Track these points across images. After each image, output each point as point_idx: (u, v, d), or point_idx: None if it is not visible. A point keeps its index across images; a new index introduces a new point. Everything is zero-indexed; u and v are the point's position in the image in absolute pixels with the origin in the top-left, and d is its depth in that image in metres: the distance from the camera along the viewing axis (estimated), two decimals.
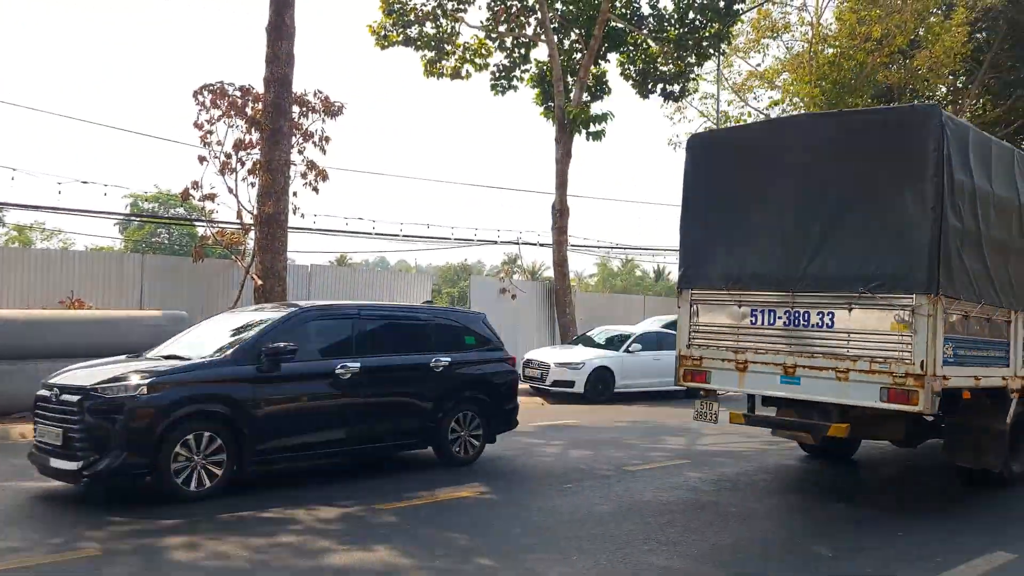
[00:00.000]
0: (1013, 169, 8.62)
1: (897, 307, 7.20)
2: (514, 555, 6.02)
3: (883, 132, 7.70)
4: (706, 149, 9.25)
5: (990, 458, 8.34)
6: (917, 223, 7.17)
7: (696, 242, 8.93)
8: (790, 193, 8.10)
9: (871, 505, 8.17)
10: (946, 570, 5.99)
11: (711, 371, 8.57)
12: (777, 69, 26.54)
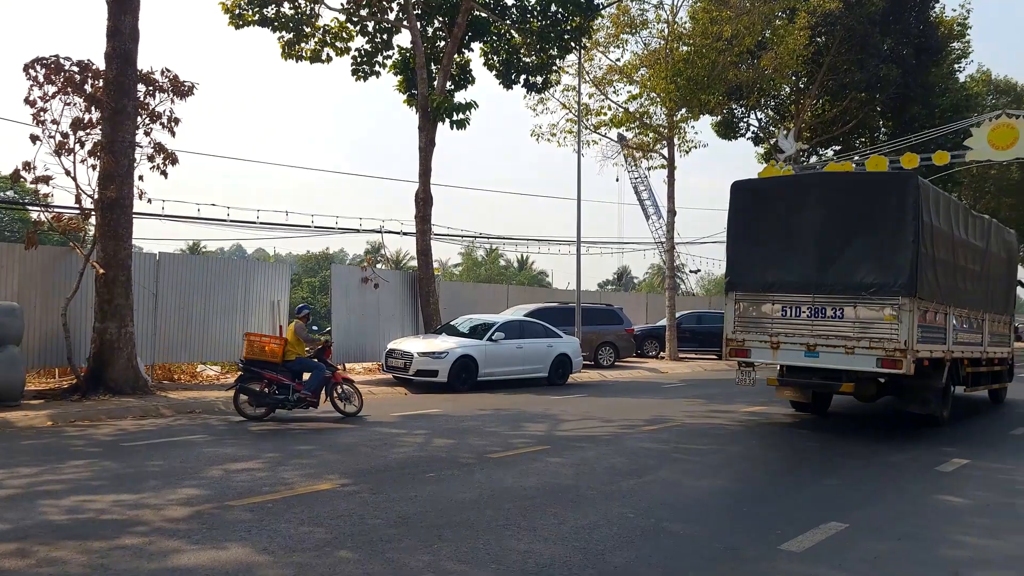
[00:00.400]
0: (958, 215, 13.14)
1: (888, 305, 11.13)
2: (376, 546, 5.91)
3: (878, 188, 11.70)
4: (746, 192, 13.09)
5: (933, 406, 12.40)
6: (902, 250, 11.08)
7: (739, 258, 12.81)
8: (810, 227, 11.88)
9: (731, 480, 8.56)
10: (784, 541, 6.33)
11: (751, 349, 12.39)
12: (635, 64, 27.30)
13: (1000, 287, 15.93)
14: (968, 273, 13.57)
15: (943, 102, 34.38)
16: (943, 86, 35.22)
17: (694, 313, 30.86)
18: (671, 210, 28.53)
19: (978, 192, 49.24)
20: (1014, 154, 26.88)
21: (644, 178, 46.01)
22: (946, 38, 34.75)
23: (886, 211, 11.32)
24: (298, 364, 12.50)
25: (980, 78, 47.38)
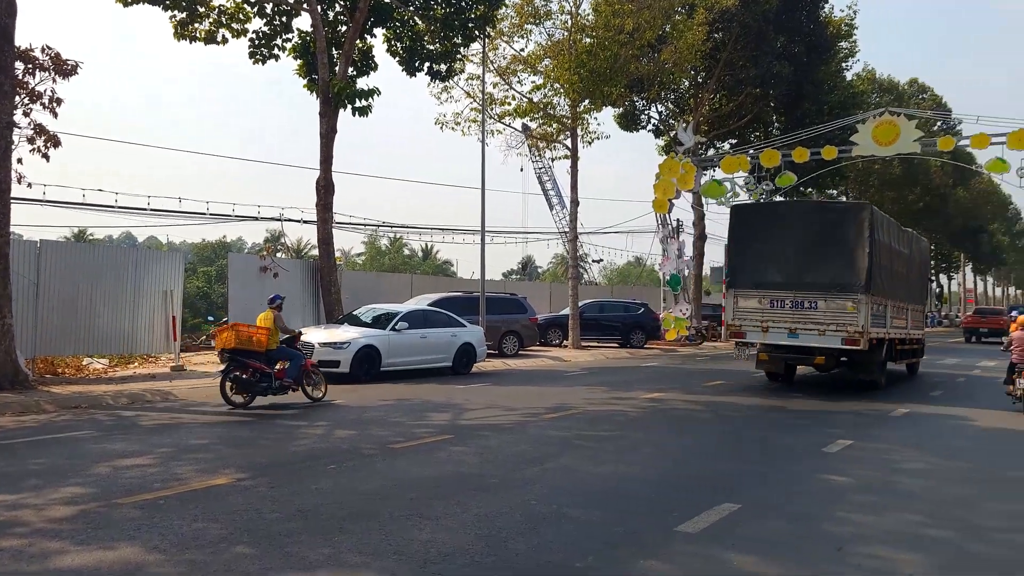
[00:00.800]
0: (894, 231, 17.60)
1: (850, 299, 15.14)
2: (274, 540, 5.76)
3: (843, 213, 16.37)
4: (744, 213, 17.65)
5: (876, 375, 16.48)
6: (860, 258, 15.11)
7: (737, 264, 16.64)
8: (792, 241, 15.94)
9: (631, 466, 8.71)
10: (681, 523, 6.50)
11: (747, 332, 16.24)
12: (539, 55, 27.45)
13: (918, 284, 20.43)
14: (899, 274, 17.69)
15: (832, 99, 35.87)
16: (832, 84, 36.74)
17: (597, 302, 31.39)
18: (574, 200, 28.86)
19: (863, 186, 51.73)
20: (895, 150, 28.24)
21: (548, 168, 46.30)
22: (835, 37, 36.24)
23: (849, 231, 15.48)
24: (279, 353, 12.79)
25: (866, 77, 49.72)
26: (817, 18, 34.49)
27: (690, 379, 18.64)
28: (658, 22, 26.82)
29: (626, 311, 30.28)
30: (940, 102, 55.25)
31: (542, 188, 47.94)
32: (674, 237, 33.25)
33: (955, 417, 13.38)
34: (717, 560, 5.70)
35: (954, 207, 62.15)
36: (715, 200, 32.33)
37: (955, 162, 43.80)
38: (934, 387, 18.29)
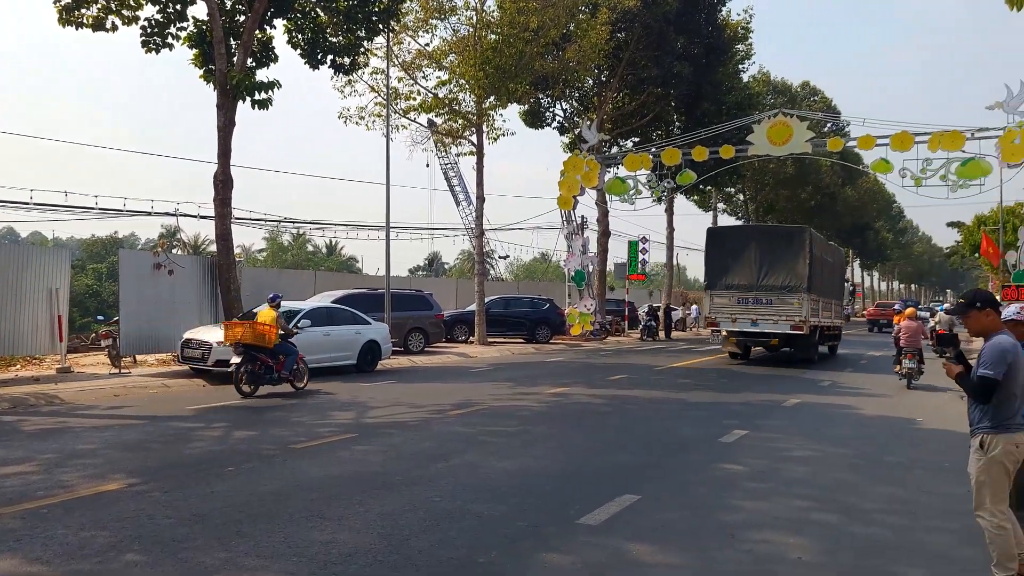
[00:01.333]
0: (823, 245, 24.09)
1: (796, 297, 21.15)
2: (166, 547, 5.58)
3: (790, 234, 22.50)
4: (716, 233, 24.99)
5: (812, 353, 22.38)
6: (803, 267, 21.17)
7: (712, 270, 22.47)
8: (752, 254, 21.69)
9: (535, 460, 8.80)
10: (582, 516, 6.62)
11: (720, 322, 21.97)
12: (445, 50, 27.33)
13: (838, 284, 27.60)
14: (827, 277, 23.98)
15: (730, 99, 36.97)
16: (729, 85, 37.86)
17: (503, 298, 31.53)
18: (480, 196, 28.91)
19: (759, 184, 53.63)
20: (788, 150, 29.34)
21: (454, 164, 46.27)
22: (732, 40, 37.35)
23: (794, 247, 21.63)
24: (281, 348, 14.15)
25: (761, 79, 51.49)
26: (715, 21, 35.48)
27: (594, 373, 18.95)
28: (562, 20, 27.10)
29: (532, 307, 30.53)
30: (830, 104, 57.69)
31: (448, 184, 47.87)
32: (579, 234, 33.72)
33: (841, 406, 14.03)
34: (616, 550, 5.82)
35: (843, 205, 65.06)
36: (618, 197, 32.94)
37: (844, 162, 45.88)
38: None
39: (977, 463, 5.17)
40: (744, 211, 57.51)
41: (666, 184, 32.58)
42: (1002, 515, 5.09)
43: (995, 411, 5.10)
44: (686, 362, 22.93)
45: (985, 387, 5.07)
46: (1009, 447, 5.07)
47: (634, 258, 38.97)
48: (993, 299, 5.43)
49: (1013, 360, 5.06)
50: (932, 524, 6.64)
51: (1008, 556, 5.05)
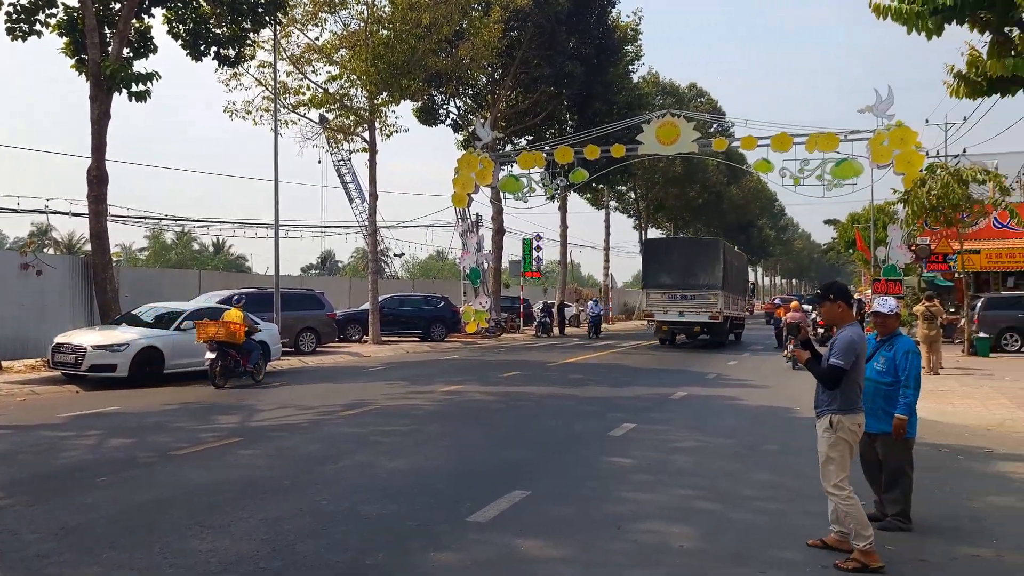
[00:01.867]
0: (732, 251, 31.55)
1: (713, 293, 27.05)
2: (31, 563, 5.26)
3: (708, 244, 30.11)
4: (651, 243, 34.85)
5: (724, 338, 29.09)
6: (718, 270, 27.15)
7: (648, 273, 28.88)
8: (678, 259, 28.04)
9: (427, 459, 8.72)
10: (473, 513, 6.61)
11: (655, 313, 27.75)
12: (335, 45, 26.82)
13: (743, 283, 34.04)
14: (734, 278, 29.56)
15: (620, 99, 37.71)
16: (620, 85, 38.61)
17: (397, 296, 31.23)
18: (373, 194, 28.55)
19: (649, 183, 54.92)
20: (676, 149, 30.15)
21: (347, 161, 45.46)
22: (622, 41, 38.13)
23: (711, 254, 27.62)
24: (248, 344, 15.74)
25: (650, 80, 52.74)
26: (605, 22, 36.13)
27: (488, 371, 18.99)
28: (455, 18, 27.02)
29: (427, 305, 30.35)
30: (716, 106, 59.65)
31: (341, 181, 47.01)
32: (473, 231, 33.74)
33: (725, 398, 14.54)
34: (506, 547, 5.84)
35: (728, 203, 67.45)
36: (512, 195, 33.13)
37: (729, 162, 47.58)
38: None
39: (827, 442, 5.63)
40: (635, 209, 58.80)
41: (559, 182, 32.98)
42: (848, 488, 5.58)
43: (843, 395, 5.60)
44: (579, 358, 23.29)
45: (834, 375, 5.57)
46: (853, 427, 5.62)
47: (528, 255, 39.31)
48: (846, 292, 5.91)
49: (860, 351, 5.61)
50: (806, 508, 6.93)
51: (863, 524, 5.47)
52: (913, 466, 6.43)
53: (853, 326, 5.72)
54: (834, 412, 5.62)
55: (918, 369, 6.28)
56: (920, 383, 6.28)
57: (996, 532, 6.25)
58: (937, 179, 23.71)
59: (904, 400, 6.19)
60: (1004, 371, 18.24)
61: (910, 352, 6.29)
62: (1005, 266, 31.75)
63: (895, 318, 6.48)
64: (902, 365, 6.25)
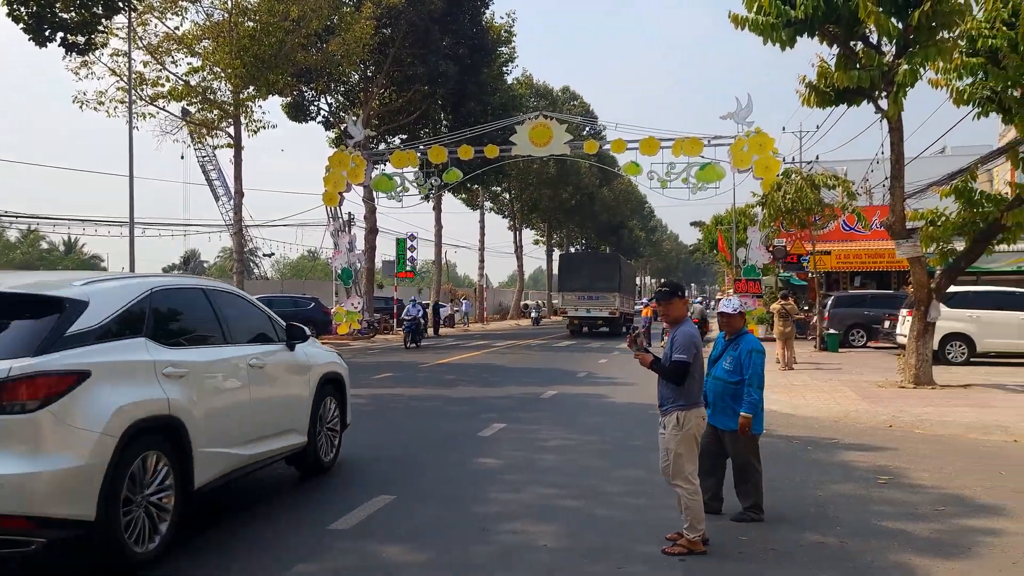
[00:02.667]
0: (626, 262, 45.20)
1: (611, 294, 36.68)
2: None
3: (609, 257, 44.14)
4: (565, 255, 50.47)
5: (620, 329, 35.64)
6: (616, 277, 37.34)
7: (563, 279, 39.06)
8: (586, 269, 37.91)
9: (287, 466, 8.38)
10: (335, 520, 6.40)
11: (568, 310, 37.09)
12: (197, 35, 25.70)
13: (633, 287, 44.51)
14: (627, 283, 40.15)
15: (495, 100, 37.96)
16: (494, 86, 38.87)
17: (263, 298, 30.12)
18: (238, 191, 27.55)
19: (524, 184, 55.52)
20: (549, 151, 30.63)
21: (212, 157, 43.78)
22: (496, 42, 38.38)
23: (611, 265, 37.96)
24: None
25: (524, 81, 53.36)
26: (480, 22, 36.26)
27: (358, 373, 18.54)
28: (324, 12, 26.40)
29: (295, 306, 29.51)
30: (588, 109, 60.95)
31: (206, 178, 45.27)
32: (345, 231, 33.13)
33: (594, 395, 14.80)
34: (367, 554, 5.68)
35: (600, 205, 69.05)
36: (385, 194, 32.72)
37: (600, 164, 48.69)
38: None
39: (675, 438, 5.80)
40: (510, 210, 59.32)
41: (433, 182, 32.85)
42: (696, 482, 5.82)
43: (687, 391, 5.79)
44: (452, 358, 23.20)
45: (680, 370, 5.75)
46: (698, 420, 5.86)
47: (402, 256, 38.94)
48: (684, 289, 6.25)
49: (699, 345, 5.84)
50: (668, 502, 7.02)
51: (699, 519, 5.74)
52: (760, 459, 6.67)
53: (688, 322, 5.95)
54: (680, 408, 5.79)
55: (761, 367, 6.44)
56: (763, 381, 6.47)
57: (839, 519, 6.57)
58: (792, 184, 25.03)
59: (748, 399, 6.35)
60: (851, 365, 19.41)
61: (753, 351, 6.45)
62: (853, 266, 33.85)
63: (739, 317, 6.69)
64: (746, 364, 6.41)
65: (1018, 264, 29.81)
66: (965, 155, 29.13)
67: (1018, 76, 13.14)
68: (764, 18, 14.74)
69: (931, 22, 13.74)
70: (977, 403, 12.71)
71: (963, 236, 15.21)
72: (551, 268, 69.43)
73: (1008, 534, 6.17)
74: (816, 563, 5.52)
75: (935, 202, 16.14)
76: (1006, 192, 14.65)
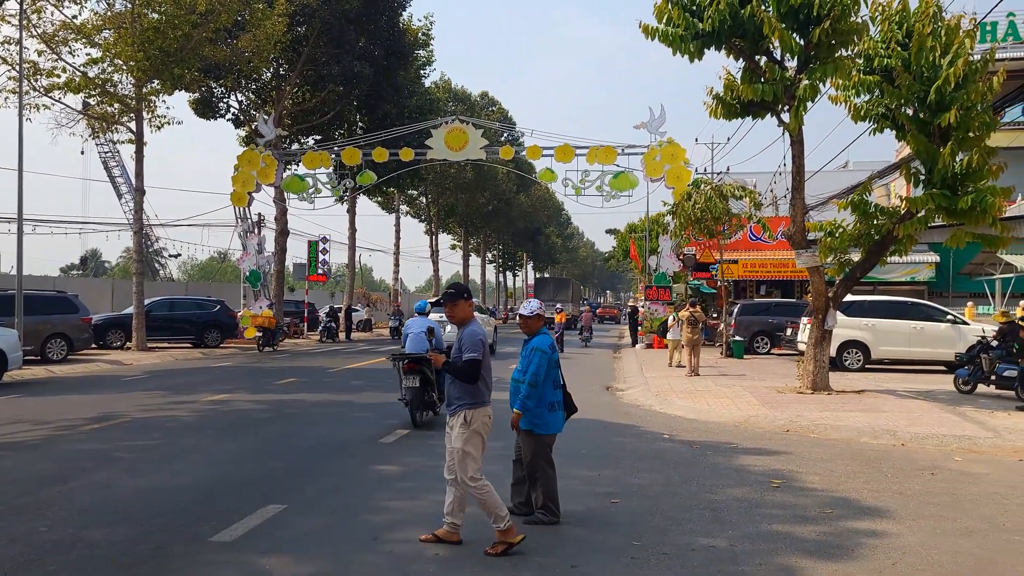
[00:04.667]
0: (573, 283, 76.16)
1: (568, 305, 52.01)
2: None
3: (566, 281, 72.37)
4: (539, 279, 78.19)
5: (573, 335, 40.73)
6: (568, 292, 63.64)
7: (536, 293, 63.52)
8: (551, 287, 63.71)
9: (174, 476, 8.00)
10: (217, 532, 6.12)
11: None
12: (98, 25, 24.61)
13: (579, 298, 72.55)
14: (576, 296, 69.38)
15: (411, 103, 37.56)
16: (411, 89, 38.44)
17: (167, 300, 29.16)
18: (139, 188, 26.50)
19: (440, 188, 55.20)
20: (465, 155, 30.53)
21: (115, 153, 42.08)
22: (413, 44, 38.00)
23: (566, 285, 66.38)
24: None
25: (443, 86, 53.13)
26: (396, 24, 35.81)
27: (262, 378, 18.09)
28: (234, 6, 25.61)
29: (200, 309, 28.50)
30: (506, 115, 61.10)
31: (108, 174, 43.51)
32: (254, 232, 32.26)
33: (503, 402, 14.64)
34: (249, 567, 5.45)
35: (517, 211, 69.30)
36: (297, 195, 32.04)
37: (517, 171, 48.89)
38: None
39: (462, 436, 5.90)
40: (426, 214, 58.91)
41: (347, 184, 32.32)
42: (481, 479, 5.90)
43: (475, 389, 5.93)
44: (362, 363, 22.79)
45: (472, 368, 5.88)
46: (485, 419, 5.98)
47: (314, 258, 38.18)
48: (470, 292, 6.44)
49: (486, 344, 6.00)
50: (564, 508, 6.98)
51: (497, 506, 5.83)
52: (551, 462, 6.66)
53: (475, 322, 6.09)
54: (468, 407, 5.92)
55: (537, 366, 6.39)
56: (536, 379, 6.39)
57: (732, 522, 6.63)
58: (701, 194, 25.57)
59: (519, 396, 6.40)
60: (754, 372, 19.88)
61: (535, 350, 6.45)
62: (759, 275, 34.82)
63: (536, 319, 6.65)
64: (527, 362, 6.46)
65: (911, 275, 31.25)
66: (866, 169, 30.30)
67: (911, 95, 13.67)
68: (673, 30, 14.99)
69: (831, 39, 14.22)
70: (869, 408, 13.14)
71: (859, 247, 15.71)
72: (468, 273, 69.27)
73: (889, 535, 6.33)
74: (706, 567, 5.54)
75: (836, 214, 16.66)
76: (900, 205, 15.20)
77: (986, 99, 13.68)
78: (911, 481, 8.32)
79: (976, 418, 12.23)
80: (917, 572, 5.53)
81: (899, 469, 8.93)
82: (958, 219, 14.15)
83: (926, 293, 30.26)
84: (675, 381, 17.46)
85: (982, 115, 13.56)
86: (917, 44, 13.48)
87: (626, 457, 9.44)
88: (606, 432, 11.34)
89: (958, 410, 13.04)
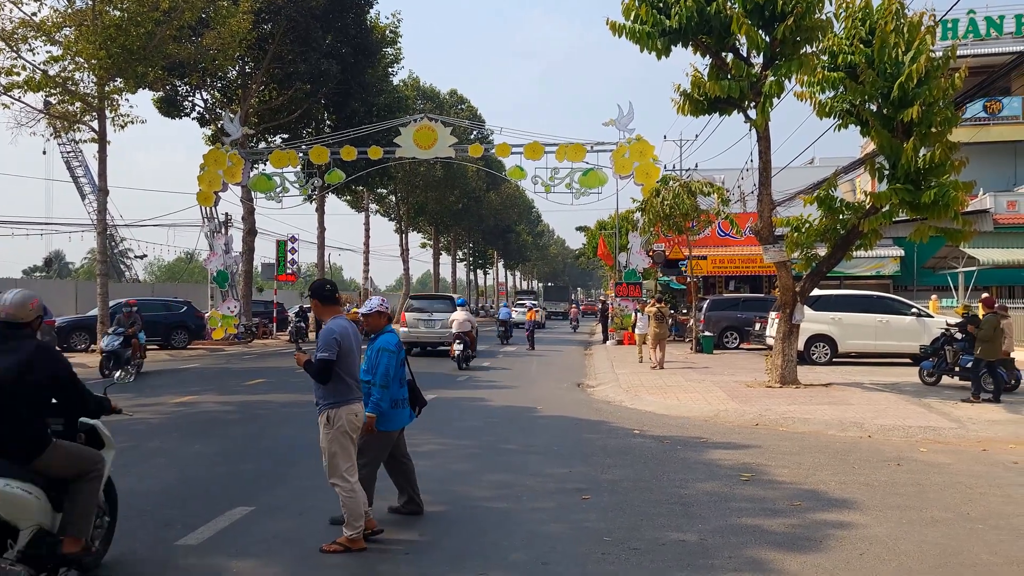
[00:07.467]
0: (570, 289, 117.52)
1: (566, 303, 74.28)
2: None
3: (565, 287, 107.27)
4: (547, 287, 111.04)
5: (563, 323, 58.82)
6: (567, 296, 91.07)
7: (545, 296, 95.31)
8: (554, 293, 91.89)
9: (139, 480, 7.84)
10: (184, 535, 6.04)
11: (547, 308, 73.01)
12: (58, 22, 24.14)
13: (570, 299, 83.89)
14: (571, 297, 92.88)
15: (379, 101, 37.30)
16: (379, 87, 38.18)
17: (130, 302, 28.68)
18: (103, 188, 26.09)
19: (410, 186, 54.89)
20: (433, 153, 30.48)
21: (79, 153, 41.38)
22: (380, 42, 37.76)
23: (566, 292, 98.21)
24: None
25: (411, 83, 52.84)
26: (364, 22, 35.55)
27: (230, 379, 17.89)
28: (198, 3, 25.24)
29: (167, 310, 28.09)
30: (475, 113, 60.93)
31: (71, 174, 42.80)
32: (221, 232, 31.92)
33: (473, 399, 14.65)
34: (217, 570, 5.40)
35: (487, 209, 69.16)
36: (264, 194, 31.77)
37: (487, 168, 48.81)
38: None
39: (327, 436, 5.89)
40: (396, 212, 58.62)
41: (315, 183, 32.08)
42: (353, 480, 5.86)
43: (334, 388, 5.85)
44: None
45: (324, 368, 5.78)
46: (351, 417, 5.88)
47: (283, 258, 37.85)
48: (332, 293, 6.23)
49: (344, 343, 5.84)
50: (534, 505, 7.03)
51: (357, 516, 5.81)
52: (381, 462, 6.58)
53: (336, 319, 5.98)
54: (329, 407, 5.89)
55: (385, 367, 6.31)
56: (387, 380, 6.31)
57: (702, 516, 6.66)
58: (670, 190, 25.69)
59: (372, 398, 6.26)
60: (723, 366, 20.02)
61: (381, 350, 6.35)
62: (728, 271, 35.07)
63: (375, 316, 6.56)
64: (374, 363, 6.34)
65: (876, 269, 31.67)
66: (832, 165, 30.65)
67: (874, 91, 13.83)
68: (640, 27, 15.03)
69: (795, 36, 14.37)
70: (837, 401, 13.29)
71: (825, 242, 15.88)
72: (438, 272, 69.06)
73: (856, 527, 6.40)
74: (676, 561, 5.56)
75: (802, 210, 16.82)
76: (866, 200, 15.39)
77: (948, 95, 13.89)
78: (877, 472, 8.42)
79: (941, 409, 12.41)
80: (884, 562, 5.59)
81: (866, 461, 9.03)
82: (921, 213, 14.36)
83: (891, 287, 30.65)
84: (645, 377, 17.53)
85: (944, 111, 13.76)
86: (880, 41, 13.64)
87: (596, 453, 9.45)
88: (577, 429, 11.35)
89: (923, 402, 13.23)
